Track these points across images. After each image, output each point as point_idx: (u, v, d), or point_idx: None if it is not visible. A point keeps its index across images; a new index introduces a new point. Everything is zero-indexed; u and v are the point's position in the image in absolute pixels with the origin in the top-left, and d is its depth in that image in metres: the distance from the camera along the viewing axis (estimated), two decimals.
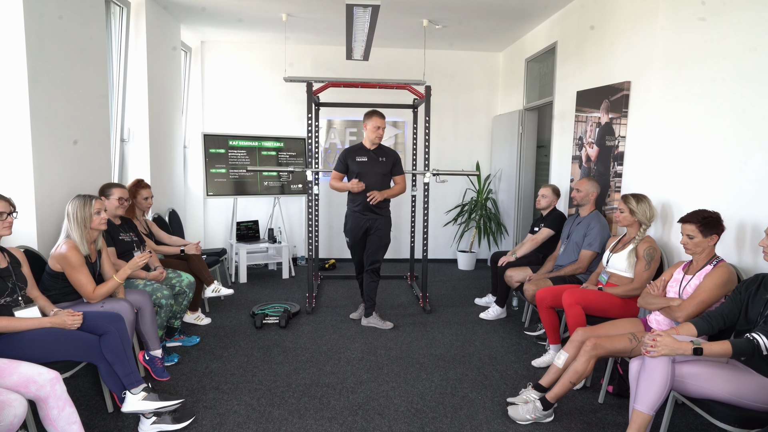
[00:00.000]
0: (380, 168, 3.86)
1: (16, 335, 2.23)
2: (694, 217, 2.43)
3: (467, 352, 3.49)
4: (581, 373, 2.46)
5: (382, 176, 3.88)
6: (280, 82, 5.34)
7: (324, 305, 4.55)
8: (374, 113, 3.80)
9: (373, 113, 3.80)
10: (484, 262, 6.34)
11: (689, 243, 2.44)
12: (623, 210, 3.05)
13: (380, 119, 3.80)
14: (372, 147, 3.88)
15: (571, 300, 2.96)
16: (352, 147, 3.95)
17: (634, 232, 3.05)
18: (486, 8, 4.56)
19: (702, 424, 2.54)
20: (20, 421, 1.87)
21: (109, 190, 3.22)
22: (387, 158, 3.90)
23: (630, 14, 3.57)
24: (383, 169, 3.87)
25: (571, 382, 2.50)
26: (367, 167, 3.85)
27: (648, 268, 2.91)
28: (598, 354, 2.45)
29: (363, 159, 3.85)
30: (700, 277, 2.41)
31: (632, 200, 3.02)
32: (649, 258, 2.91)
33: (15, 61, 2.73)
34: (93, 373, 2.90)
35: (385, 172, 3.89)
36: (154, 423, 2.40)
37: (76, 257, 2.60)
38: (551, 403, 2.55)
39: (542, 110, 5.54)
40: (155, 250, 3.63)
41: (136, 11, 4.30)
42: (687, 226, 2.45)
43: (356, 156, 3.87)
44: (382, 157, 3.88)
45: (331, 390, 2.90)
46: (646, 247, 2.94)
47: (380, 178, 3.87)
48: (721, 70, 2.72)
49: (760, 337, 1.95)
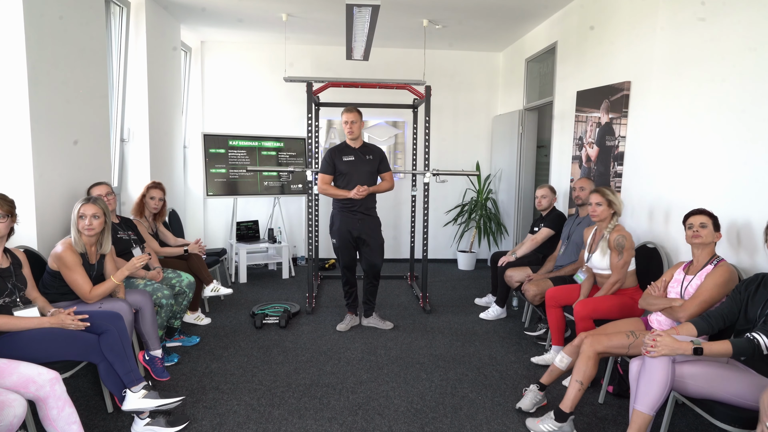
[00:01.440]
0: (368, 166, 3.77)
1: (15, 335, 2.23)
2: (706, 211, 2.47)
3: (467, 353, 3.49)
4: (585, 373, 2.44)
5: (370, 174, 3.77)
6: (280, 82, 5.33)
7: (324, 305, 4.55)
8: (346, 109, 3.70)
9: (345, 109, 3.71)
10: (484, 262, 6.34)
11: (702, 231, 2.42)
12: (600, 203, 3.01)
13: (349, 113, 3.66)
14: (357, 145, 3.78)
15: (584, 314, 2.92)
16: (337, 147, 3.81)
17: (605, 225, 3.04)
18: (486, 8, 4.55)
19: (702, 425, 2.54)
20: (20, 421, 1.86)
21: (91, 189, 3.20)
22: (373, 156, 3.80)
23: (630, 14, 3.56)
24: (371, 167, 3.78)
25: (578, 381, 2.41)
26: (355, 167, 3.73)
27: (621, 257, 2.92)
28: (596, 350, 2.43)
29: (350, 158, 3.72)
30: (702, 276, 2.41)
31: (608, 192, 3.02)
32: (620, 246, 2.91)
33: (15, 61, 2.73)
34: (93, 373, 2.90)
35: (373, 170, 3.80)
36: (147, 425, 2.40)
37: (71, 257, 2.59)
38: (567, 413, 2.41)
39: (542, 110, 5.54)
40: (157, 252, 3.62)
41: (136, 11, 4.30)
42: (700, 217, 2.45)
43: (342, 156, 3.74)
44: (368, 155, 3.77)
45: (331, 390, 2.90)
46: (615, 237, 2.94)
47: (369, 177, 3.76)
48: (720, 70, 2.72)
49: (760, 336, 1.95)
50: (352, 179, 3.70)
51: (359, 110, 3.74)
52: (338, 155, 3.75)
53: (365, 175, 3.75)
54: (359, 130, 3.75)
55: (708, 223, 2.43)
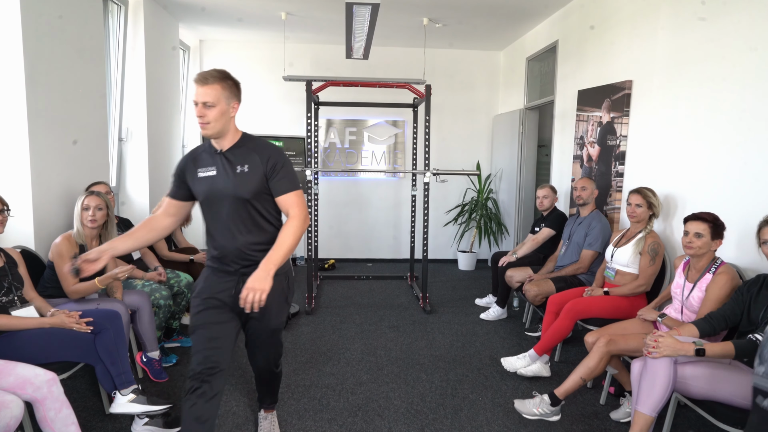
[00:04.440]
0: (241, 186, 1.95)
1: (12, 335, 2.22)
2: (708, 216, 2.38)
3: (467, 353, 3.47)
4: (593, 370, 2.44)
5: (240, 204, 1.97)
6: (279, 82, 5.31)
7: (323, 306, 4.53)
8: (198, 76, 1.91)
9: (197, 77, 1.92)
10: (485, 263, 6.32)
11: (696, 242, 2.36)
12: (641, 204, 2.96)
13: (201, 85, 1.89)
14: (223, 145, 2.00)
15: (572, 314, 2.95)
16: (197, 149, 2.09)
17: (641, 226, 3.01)
18: (486, 7, 4.54)
19: (704, 426, 2.52)
20: (17, 422, 1.85)
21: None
22: (251, 165, 1.97)
23: (631, 13, 3.55)
24: (246, 185, 1.96)
25: (582, 378, 2.47)
26: (216, 186, 1.98)
27: (653, 263, 2.90)
28: (611, 351, 2.43)
29: (209, 172, 1.99)
30: (702, 287, 2.38)
31: (649, 193, 2.97)
32: (654, 253, 2.90)
33: (12, 61, 2.71)
34: (90, 374, 2.88)
35: (249, 192, 1.96)
36: (146, 424, 2.40)
37: (66, 247, 2.63)
38: (560, 399, 2.52)
39: (543, 109, 5.52)
40: (163, 256, 3.60)
41: (134, 10, 4.28)
42: (698, 224, 2.37)
43: (197, 167, 2.02)
44: (241, 165, 1.97)
45: (330, 391, 2.88)
46: (651, 242, 2.92)
47: (236, 209, 1.98)
48: (721, 70, 2.71)
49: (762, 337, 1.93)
50: (212, 211, 2.02)
51: (228, 77, 1.94)
52: (191, 166, 2.04)
53: (231, 205, 1.97)
54: (221, 116, 1.91)
55: (705, 231, 2.35)
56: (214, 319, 2.00)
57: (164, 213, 2.13)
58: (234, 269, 2.04)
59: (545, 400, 2.55)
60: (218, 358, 1.93)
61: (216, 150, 2.02)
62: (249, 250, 2.02)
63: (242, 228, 2.01)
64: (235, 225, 2.01)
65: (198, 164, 2.04)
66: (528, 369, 3.07)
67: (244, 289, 1.85)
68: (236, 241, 2.01)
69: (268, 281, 1.86)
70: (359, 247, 6.39)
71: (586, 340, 2.63)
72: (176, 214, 2.14)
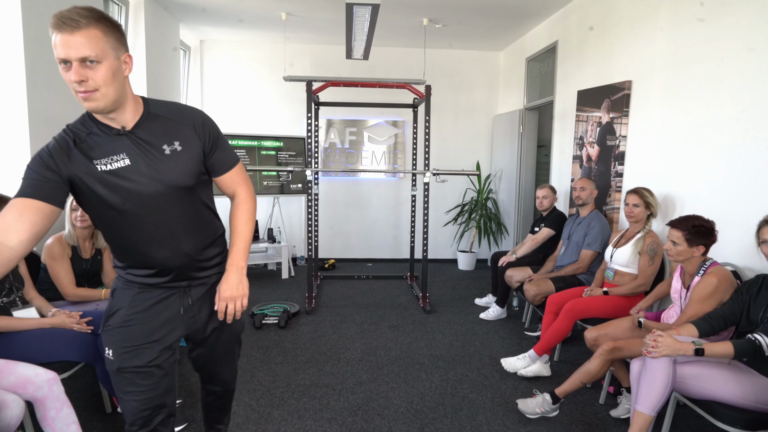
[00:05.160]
0: (175, 170, 1.46)
1: (13, 335, 2.22)
2: (683, 224, 2.37)
3: (467, 353, 3.48)
4: (594, 375, 2.44)
5: (180, 196, 1.49)
6: (279, 82, 5.32)
7: (323, 305, 4.54)
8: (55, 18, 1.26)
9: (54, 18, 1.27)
10: (485, 262, 6.33)
11: (672, 250, 2.40)
12: (638, 204, 2.99)
13: (69, 32, 1.26)
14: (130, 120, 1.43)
15: (571, 314, 2.96)
16: (75, 131, 1.44)
17: (640, 226, 3.03)
18: (486, 7, 4.54)
19: (704, 426, 2.53)
20: (18, 422, 1.85)
21: None
22: (182, 140, 1.48)
23: (630, 14, 3.55)
24: (184, 168, 1.48)
25: (582, 382, 2.49)
26: (138, 180, 1.42)
27: (652, 263, 2.91)
28: (614, 357, 2.44)
29: (118, 163, 1.40)
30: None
31: (646, 193, 2.99)
32: (653, 253, 2.91)
33: (13, 62, 2.72)
34: (91, 374, 2.88)
35: (192, 177, 1.50)
36: None
37: (58, 248, 2.61)
38: (559, 397, 2.55)
39: (543, 110, 5.53)
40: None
41: (135, 10, 4.28)
42: (673, 232, 2.40)
43: (92, 159, 1.40)
44: (169, 143, 1.46)
45: (330, 390, 2.89)
46: (650, 242, 2.93)
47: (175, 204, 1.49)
48: (720, 70, 2.72)
49: (762, 337, 1.94)
50: (133, 217, 1.44)
51: (105, 16, 1.32)
52: (80, 157, 1.40)
53: (171, 200, 1.48)
54: (112, 77, 1.32)
55: (680, 240, 2.36)
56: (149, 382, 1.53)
57: (14, 229, 1.31)
58: (181, 286, 1.57)
59: (547, 399, 2.56)
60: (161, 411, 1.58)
61: (116, 130, 1.40)
62: (200, 255, 1.56)
63: (187, 228, 1.52)
64: (178, 226, 1.49)
65: (91, 154, 1.38)
66: (528, 369, 3.08)
67: (220, 301, 1.54)
68: (182, 249, 1.51)
69: (245, 283, 1.57)
70: (359, 247, 6.40)
71: (586, 336, 2.67)
72: (35, 228, 1.33)
